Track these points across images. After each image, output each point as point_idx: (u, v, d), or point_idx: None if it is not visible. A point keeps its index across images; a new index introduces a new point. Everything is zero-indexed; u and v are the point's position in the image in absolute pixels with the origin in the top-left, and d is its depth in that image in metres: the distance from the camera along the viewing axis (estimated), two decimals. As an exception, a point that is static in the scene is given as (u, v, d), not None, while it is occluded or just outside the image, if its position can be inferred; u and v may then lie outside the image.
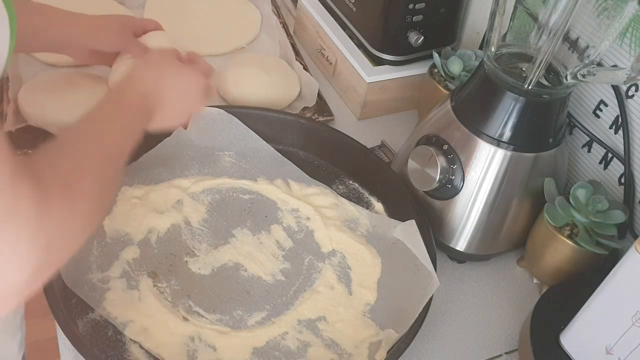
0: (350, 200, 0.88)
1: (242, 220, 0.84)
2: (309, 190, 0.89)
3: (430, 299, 0.74)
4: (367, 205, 0.89)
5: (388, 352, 0.70)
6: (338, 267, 0.82)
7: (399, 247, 0.81)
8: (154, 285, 0.75)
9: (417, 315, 0.72)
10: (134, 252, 0.78)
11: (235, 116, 0.90)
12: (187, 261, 0.79)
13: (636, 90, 0.78)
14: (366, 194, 0.90)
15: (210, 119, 0.87)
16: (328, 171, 0.92)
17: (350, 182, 0.91)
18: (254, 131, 0.91)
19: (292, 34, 1.16)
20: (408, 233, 0.80)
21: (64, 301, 0.71)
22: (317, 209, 0.86)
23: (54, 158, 0.53)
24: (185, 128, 0.88)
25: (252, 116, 0.91)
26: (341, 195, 0.89)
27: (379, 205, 0.89)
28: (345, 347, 0.74)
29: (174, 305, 0.74)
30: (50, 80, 0.93)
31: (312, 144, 0.93)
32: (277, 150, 0.91)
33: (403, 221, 0.82)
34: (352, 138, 0.92)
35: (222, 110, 0.88)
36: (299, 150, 0.93)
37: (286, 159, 0.91)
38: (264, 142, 0.91)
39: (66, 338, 0.67)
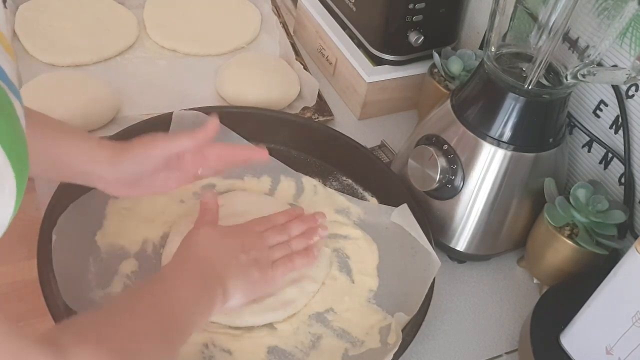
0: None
1: None
2: None
3: (434, 280, 0.75)
4: (364, 205, 0.89)
5: (402, 331, 0.71)
6: (337, 257, 0.82)
7: (393, 232, 0.82)
8: None
9: (423, 297, 0.73)
10: (132, 264, 0.76)
11: (230, 116, 0.88)
12: None
13: (636, 90, 0.78)
14: (367, 195, 0.90)
15: (190, 122, 0.85)
16: (321, 168, 0.92)
17: (350, 181, 0.91)
18: (248, 130, 0.90)
19: (292, 33, 1.16)
20: (404, 217, 0.81)
21: (67, 313, 0.68)
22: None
23: (101, 328, 0.52)
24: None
25: (240, 115, 0.91)
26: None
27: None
28: (357, 335, 0.74)
29: None
30: (50, 81, 0.93)
31: (309, 144, 0.92)
32: (271, 149, 0.90)
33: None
34: (351, 138, 0.92)
35: (200, 113, 0.87)
36: (296, 150, 0.92)
37: (272, 157, 0.89)
38: (246, 141, 0.89)
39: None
